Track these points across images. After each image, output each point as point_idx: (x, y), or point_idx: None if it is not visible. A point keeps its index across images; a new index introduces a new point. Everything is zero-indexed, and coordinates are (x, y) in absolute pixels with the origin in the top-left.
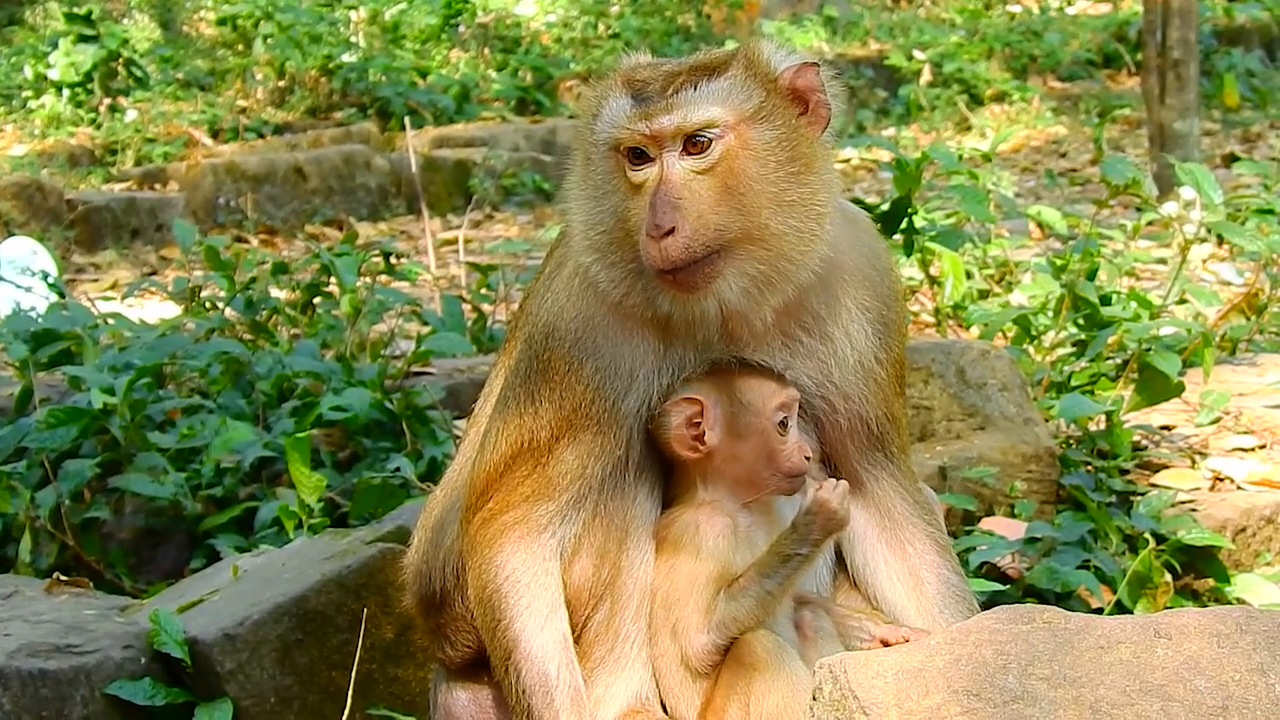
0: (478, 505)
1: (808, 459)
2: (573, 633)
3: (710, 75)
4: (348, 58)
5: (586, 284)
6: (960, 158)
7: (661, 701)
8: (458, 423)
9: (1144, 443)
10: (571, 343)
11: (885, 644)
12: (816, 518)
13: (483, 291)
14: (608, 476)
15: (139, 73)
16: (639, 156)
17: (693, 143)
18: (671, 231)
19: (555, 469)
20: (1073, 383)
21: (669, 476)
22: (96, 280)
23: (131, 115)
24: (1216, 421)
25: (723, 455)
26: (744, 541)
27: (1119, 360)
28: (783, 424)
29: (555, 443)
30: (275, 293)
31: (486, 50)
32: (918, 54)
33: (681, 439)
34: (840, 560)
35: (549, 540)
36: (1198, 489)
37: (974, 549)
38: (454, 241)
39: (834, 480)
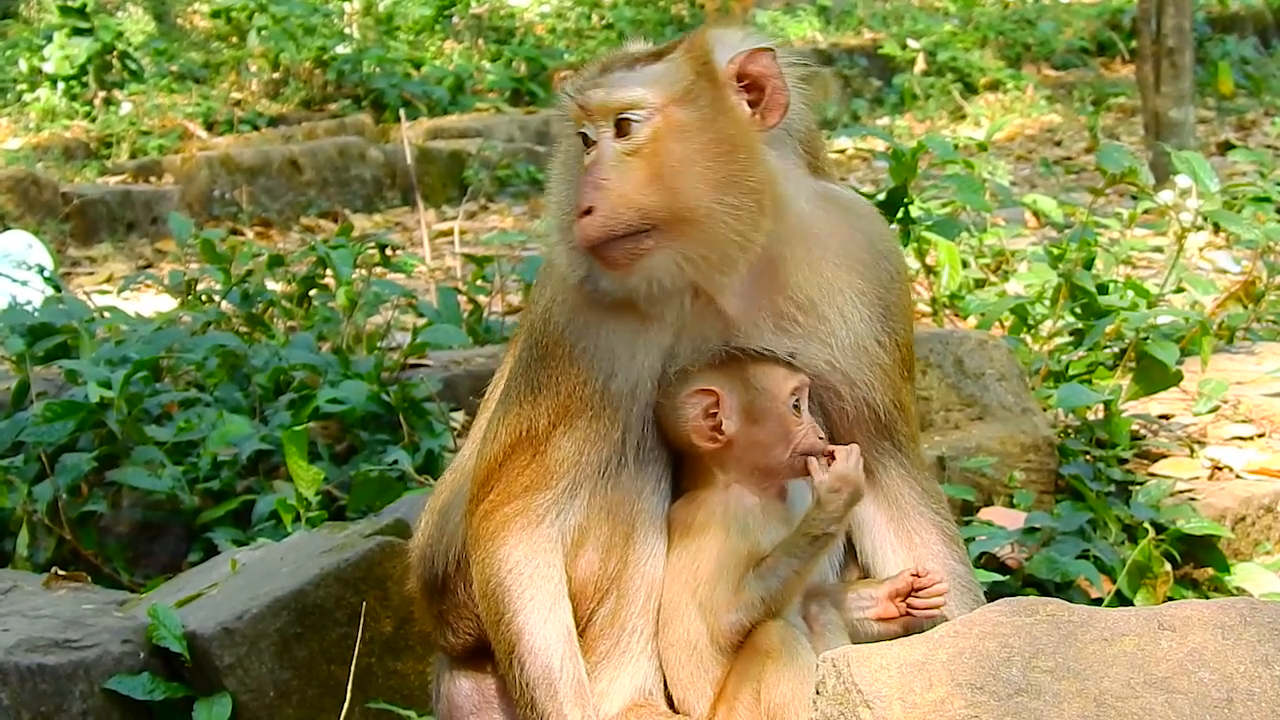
0: (480, 496)
1: (820, 438)
2: (578, 626)
3: (653, 59)
4: (342, 49)
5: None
6: (955, 147)
7: (667, 695)
8: (455, 414)
9: (1142, 432)
10: (564, 328)
11: (894, 597)
12: (840, 491)
13: (478, 283)
14: (606, 465)
15: (134, 66)
16: (588, 140)
17: (622, 123)
18: (590, 211)
19: (553, 457)
20: (1070, 372)
21: (677, 471)
22: (92, 274)
23: (126, 108)
24: (1215, 410)
25: (742, 443)
26: (771, 521)
27: (1116, 349)
28: (796, 406)
29: (552, 430)
30: (271, 285)
31: (480, 41)
32: (911, 43)
33: (700, 430)
34: (850, 552)
35: (549, 531)
36: (1196, 478)
37: (973, 539)
38: (449, 233)
39: (844, 448)
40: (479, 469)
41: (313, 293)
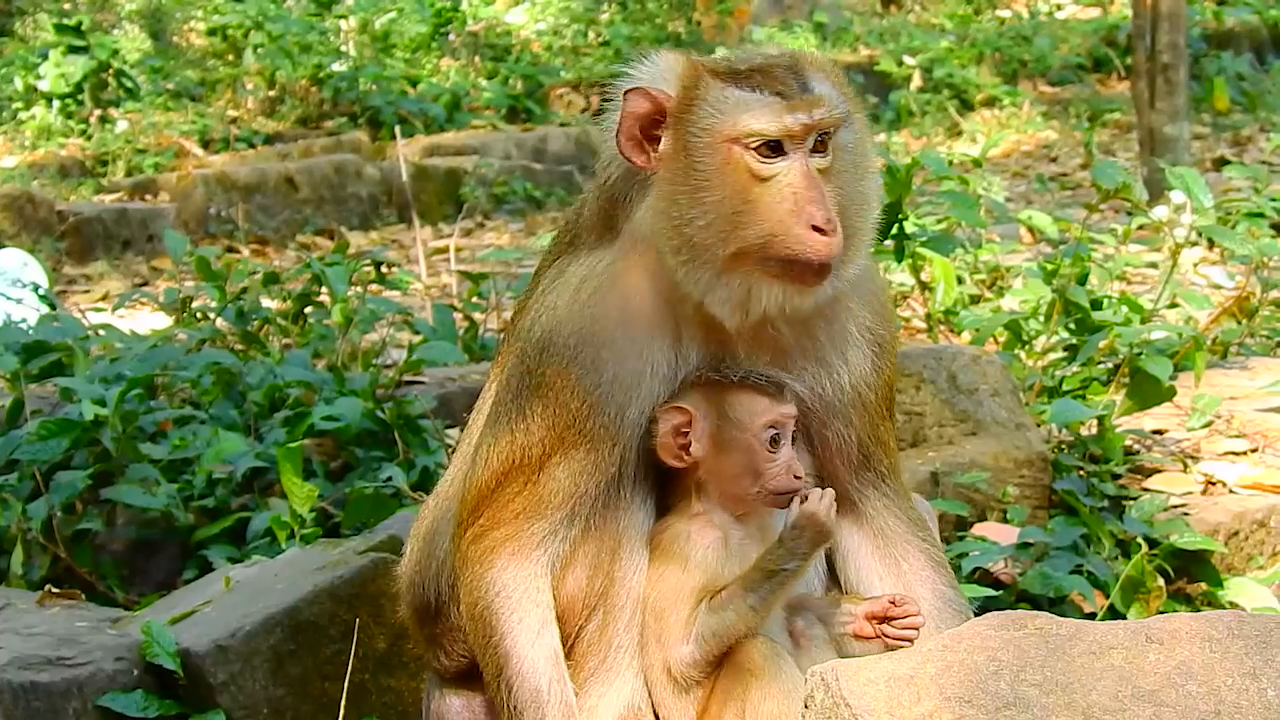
0: (469, 521)
1: (798, 478)
2: (566, 643)
3: (824, 74)
4: (338, 67)
5: (595, 292)
6: (951, 163)
7: (655, 711)
8: (450, 432)
9: (1136, 447)
10: (570, 356)
11: (870, 619)
12: (804, 531)
13: (474, 300)
14: (603, 494)
15: (129, 83)
16: (773, 150)
17: (820, 140)
18: (831, 227)
19: (547, 486)
20: (1064, 387)
21: (664, 487)
22: (88, 291)
23: (122, 126)
24: (1208, 425)
25: (707, 468)
26: (735, 555)
27: (1110, 365)
28: (773, 441)
29: (547, 460)
30: (266, 303)
31: (477, 58)
32: (908, 59)
33: (667, 447)
34: (834, 577)
35: (540, 557)
36: (1190, 493)
37: (966, 555)
38: (445, 250)
39: (819, 490)
40: (468, 495)
41: (308, 310)
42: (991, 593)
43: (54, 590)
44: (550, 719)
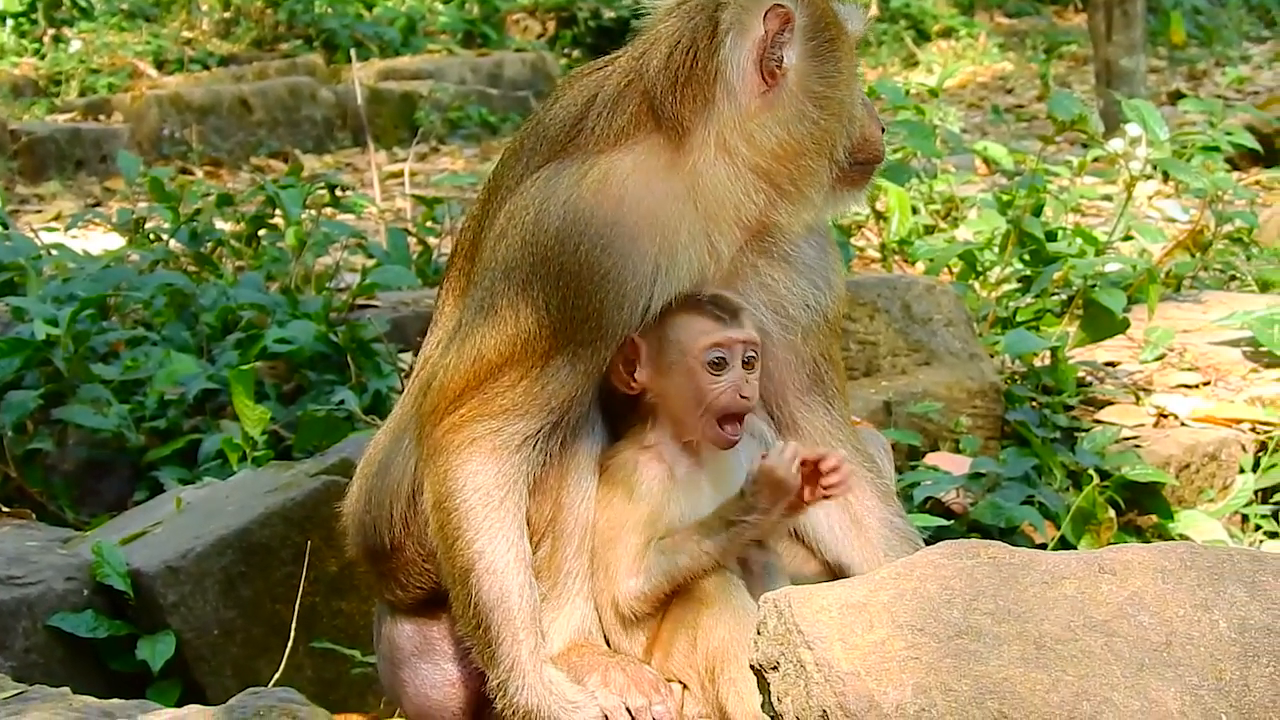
0: (447, 410)
1: (744, 397)
2: None
3: None
4: None
5: (631, 188)
6: (907, 93)
7: (606, 637)
8: (402, 355)
9: (1088, 379)
10: (602, 245)
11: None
12: (762, 487)
13: (428, 224)
14: (592, 400)
15: (83, 3)
16: None
17: None
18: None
19: (547, 386)
20: (1018, 318)
21: (615, 413)
22: (40, 211)
23: (76, 46)
24: (1161, 358)
25: (655, 393)
26: (682, 489)
27: (1064, 296)
28: (715, 363)
29: (553, 355)
30: (220, 225)
31: None
32: None
33: (617, 373)
34: None
35: (519, 461)
36: (1142, 425)
37: (918, 484)
38: (399, 174)
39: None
40: (449, 383)
41: (261, 232)
42: (943, 522)
43: (4, 510)
44: (518, 620)
